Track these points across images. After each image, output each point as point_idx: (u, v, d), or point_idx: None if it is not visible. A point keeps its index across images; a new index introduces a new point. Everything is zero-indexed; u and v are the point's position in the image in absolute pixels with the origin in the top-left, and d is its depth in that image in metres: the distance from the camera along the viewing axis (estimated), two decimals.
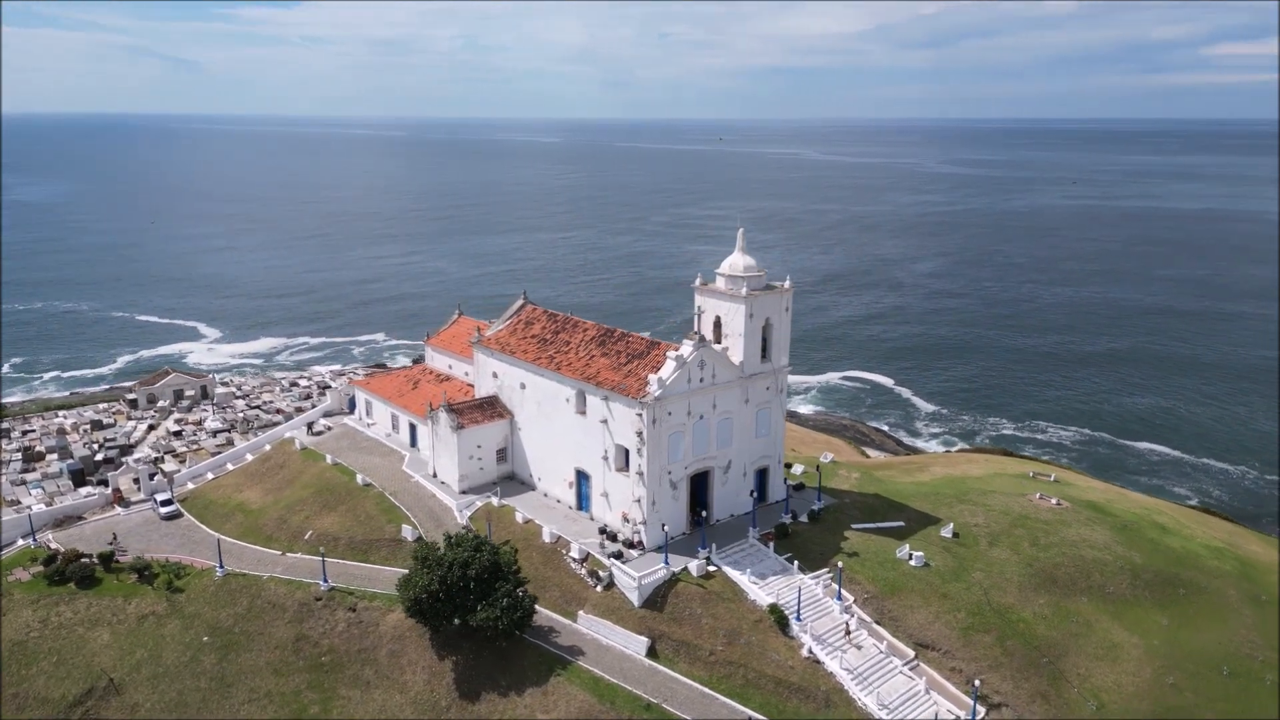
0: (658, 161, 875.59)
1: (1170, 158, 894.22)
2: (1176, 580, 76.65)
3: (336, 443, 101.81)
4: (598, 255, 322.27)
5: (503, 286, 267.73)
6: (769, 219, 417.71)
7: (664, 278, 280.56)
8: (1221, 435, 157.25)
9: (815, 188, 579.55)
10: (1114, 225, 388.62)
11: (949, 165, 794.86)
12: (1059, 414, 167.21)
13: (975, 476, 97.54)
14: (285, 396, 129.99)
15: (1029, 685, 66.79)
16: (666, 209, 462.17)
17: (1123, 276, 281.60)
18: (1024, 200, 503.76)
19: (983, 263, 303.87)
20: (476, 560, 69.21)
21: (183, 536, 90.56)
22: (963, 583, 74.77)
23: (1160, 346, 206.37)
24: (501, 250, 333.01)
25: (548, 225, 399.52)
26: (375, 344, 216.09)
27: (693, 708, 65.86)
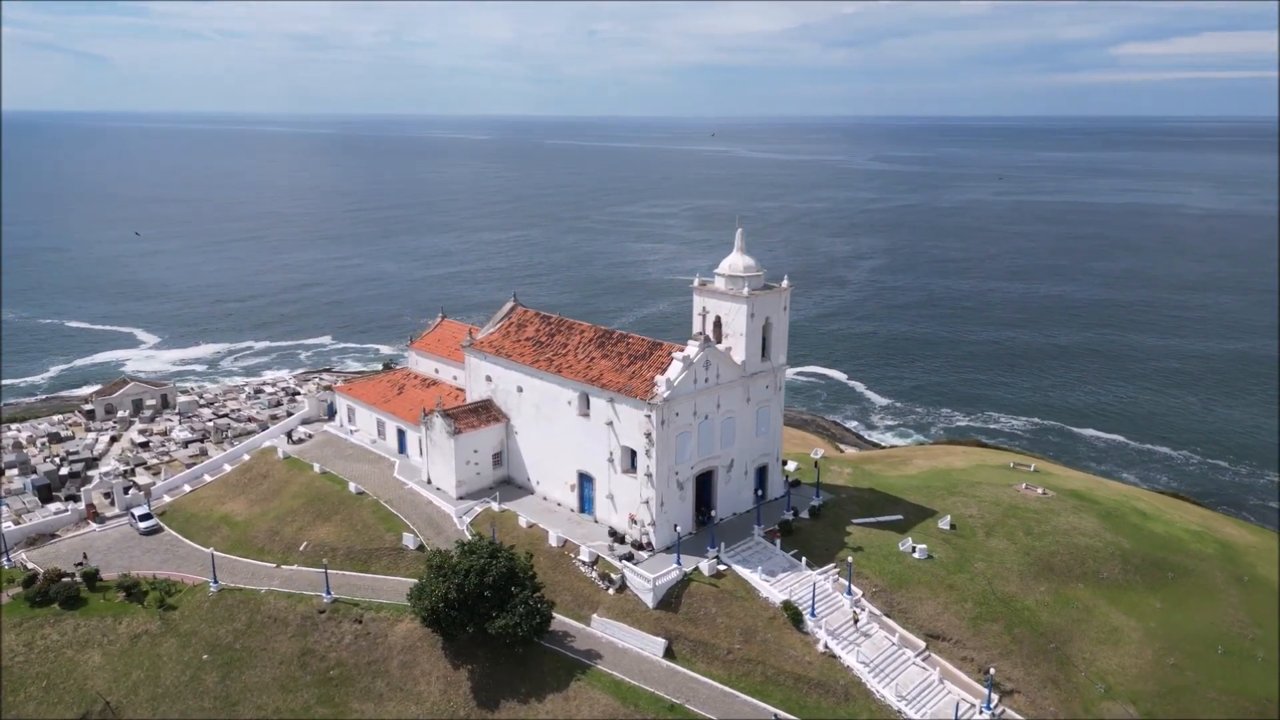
0: (592, 159, 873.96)
1: (1086, 154, 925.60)
2: (1164, 564, 79.80)
3: (320, 451, 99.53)
4: (545, 255, 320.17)
5: (452, 288, 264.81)
6: (710, 217, 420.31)
7: (614, 277, 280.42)
8: (1162, 422, 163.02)
9: (752, 185, 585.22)
10: (1048, 221, 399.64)
11: (878, 162, 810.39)
12: (1008, 404, 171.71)
13: (959, 469, 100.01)
14: (253, 404, 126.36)
15: (1039, 671, 68.88)
16: (607, 207, 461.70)
17: (1061, 271, 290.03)
18: (955, 196, 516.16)
19: (924, 259, 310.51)
20: (493, 567, 68.55)
21: (166, 552, 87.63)
22: (966, 573, 76.70)
23: (1101, 337, 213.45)
24: (445, 250, 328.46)
25: (489, 224, 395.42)
26: (323, 347, 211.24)
27: (716, 707, 66.29)
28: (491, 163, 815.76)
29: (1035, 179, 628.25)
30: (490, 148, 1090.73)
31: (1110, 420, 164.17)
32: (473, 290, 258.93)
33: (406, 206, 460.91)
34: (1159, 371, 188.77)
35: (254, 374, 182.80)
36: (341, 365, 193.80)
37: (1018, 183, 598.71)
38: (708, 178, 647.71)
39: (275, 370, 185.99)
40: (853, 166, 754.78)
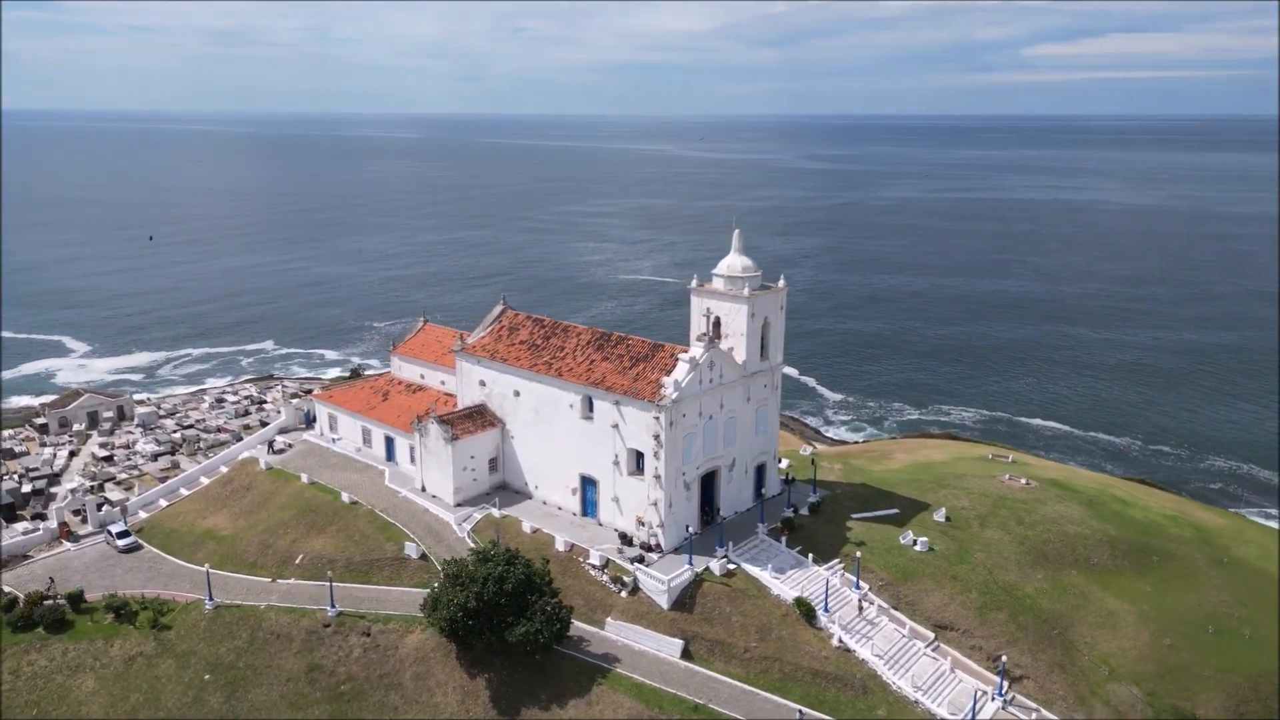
0: (527, 158, 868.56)
1: (1006, 152, 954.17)
2: (1148, 548, 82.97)
3: (303, 461, 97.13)
4: (489, 256, 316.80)
5: (398, 291, 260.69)
6: (652, 217, 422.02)
7: (561, 277, 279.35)
8: (1103, 410, 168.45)
9: (690, 185, 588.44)
10: (980, 218, 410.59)
11: (810, 161, 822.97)
12: (956, 397, 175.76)
13: (941, 461, 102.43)
14: (218, 413, 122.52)
15: (1045, 657, 71.03)
16: (548, 207, 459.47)
17: (1001, 266, 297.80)
18: (888, 194, 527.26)
19: (866, 256, 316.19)
20: (511, 574, 67.91)
21: (149, 570, 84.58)
22: (967, 564, 78.66)
23: (1042, 330, 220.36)
24: (386, 252, 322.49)
25: (429, 225, 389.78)
26: (265, 353, 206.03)
27: (738, 706, 66.78)
28: (425, 162, 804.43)
29: (961, 176, 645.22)
30: (422, 146, 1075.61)
31: (1055, 410, 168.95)
32: (420, 293, 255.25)
33: (341, 207, 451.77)
34: (1099, 362, 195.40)
35: (196, 381, 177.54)
36: (286, 371, 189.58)
37: (945, 180, 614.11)
38: (645, 177, 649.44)
39: (218, 378, 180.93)
40: (786, 165, 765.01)
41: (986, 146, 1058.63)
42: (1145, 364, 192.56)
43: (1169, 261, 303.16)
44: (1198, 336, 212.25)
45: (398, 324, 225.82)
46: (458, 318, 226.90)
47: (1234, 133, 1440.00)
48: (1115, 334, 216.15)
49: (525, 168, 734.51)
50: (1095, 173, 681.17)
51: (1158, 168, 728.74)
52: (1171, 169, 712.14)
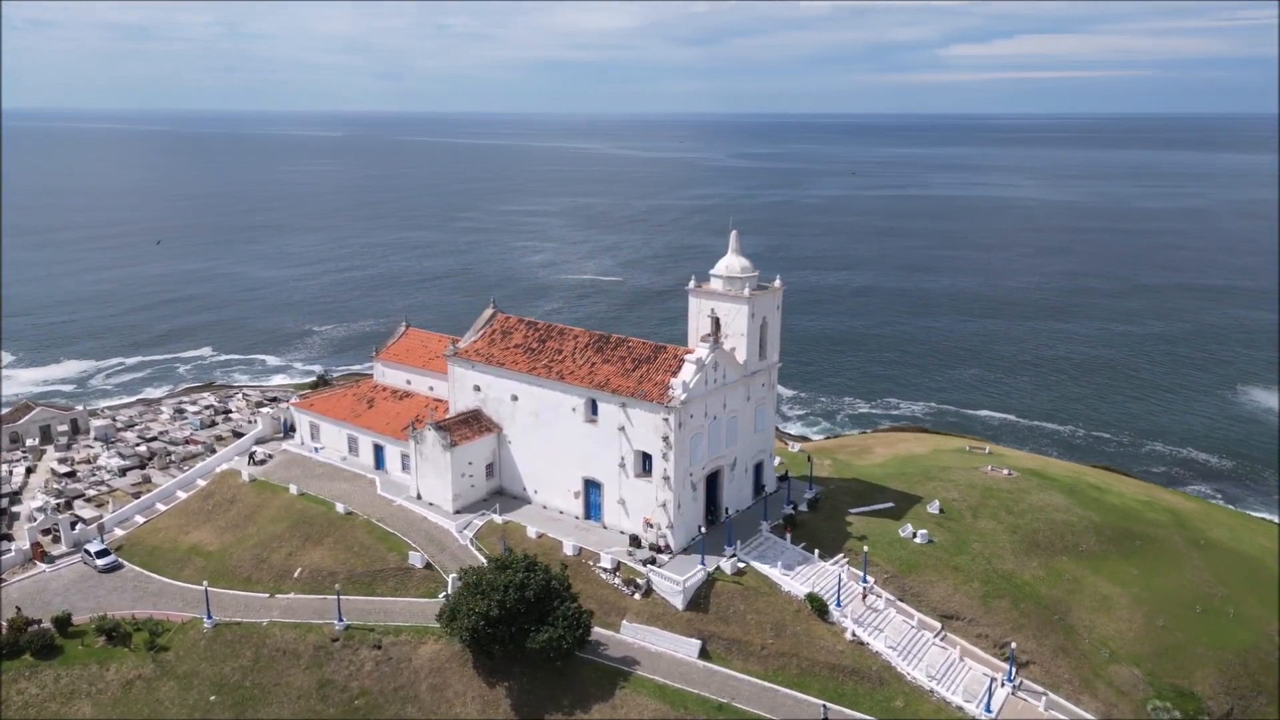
0: (456, 156, 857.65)
1: (926, 150, 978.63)
2: (1130, 533, 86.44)
3: (287, 471, 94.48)
4: (429, 258, 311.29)
5: (341, 294, 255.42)
6: (590, 216, 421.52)
7: (503, 278, 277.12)
8: (1047, 399, 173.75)
9: (624, 183, 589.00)
10: (912, 216, 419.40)
11: (737, 159, 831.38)
12: (904, 390, 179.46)
13: (922, 454, 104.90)
14: (181, 424, 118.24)
15: (1049, 642, 73.50)
16: (484, 206, 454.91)
17: (939, 263, 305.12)
18: (818, 192, 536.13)
19: (805, 253, 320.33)
20: (533, 581, 67.39)
21: (135, 589, 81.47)
22: (967, 554, 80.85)
23: (982, 324, 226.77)
24: (320, 255, 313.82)
25: (364, 227, 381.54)
26: (203, 360, 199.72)
27: (761, 703, 67.49)
28: (352, 161, 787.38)
29: (887, 174, 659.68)
30: (346, 145, 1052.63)
31: (1000, 401, 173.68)
32: (364, 298, 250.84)
33: (269, 209, 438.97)
34: (1039, 354, 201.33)
35: (132, 391, 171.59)
36: (228, 378, 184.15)
37: (872, 178, 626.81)
38: (578, 175, 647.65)
39: (155, 387, 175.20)
40: (717, 163, 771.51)
41: (908, 145, 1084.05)
42: (1083, 355, 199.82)
43: (1096, 256, 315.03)
44: (1131, 328, 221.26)
45: (340, 328, 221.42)
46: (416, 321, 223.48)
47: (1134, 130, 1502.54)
48: (1052, 326, 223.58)
49: (457, 167, 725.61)
50: (1012, 170, 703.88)
51: (1069, 165, 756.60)
52: (1082, 166, 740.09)
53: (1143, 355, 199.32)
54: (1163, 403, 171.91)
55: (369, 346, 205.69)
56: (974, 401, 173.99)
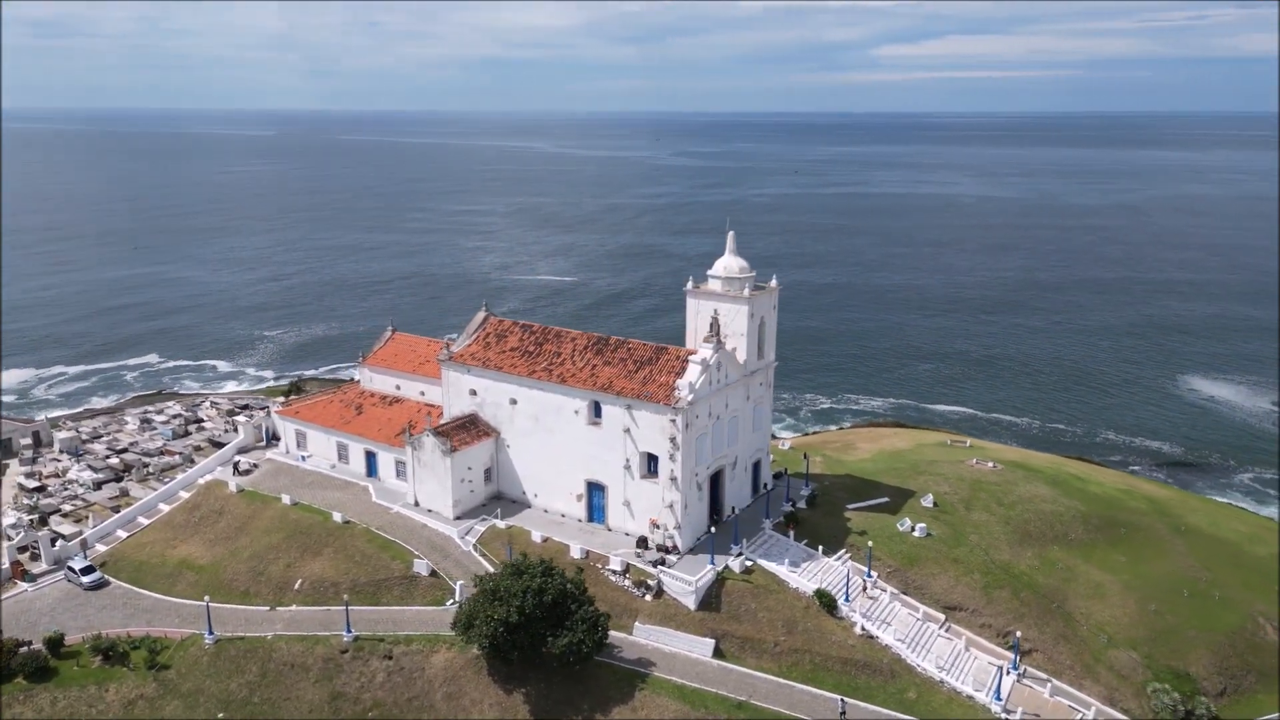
0: (395, 155, 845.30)
1: (863, 148, 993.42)
2: (1115, 521, 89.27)
3: (275, 481, 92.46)
4: (376, 260, 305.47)
5: (290, 297, 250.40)
6: (537, 215, 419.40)
7: (455, 279, 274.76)
8: (1001, 392, 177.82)
9: (569, 183, 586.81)
10: (861, 214, 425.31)
11: (680, 158, 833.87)
12: (862, 386, 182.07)
13: (906, 449, 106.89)
14: (153, 435, 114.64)
15: (1050, 629, 75.55)
16: (427, 206, 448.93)
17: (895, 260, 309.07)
18: (765, 190, 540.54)
19: (762, 253, 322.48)
20: (551, 585, 67.06)
21: (126, 606, 79.03)
22: (965, 546, 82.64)
23: (936, 319, 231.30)
24: (265, 259, 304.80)
25: (305, 228, 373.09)
26: (150, 367, 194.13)
27: (778, 700, 68.16)
28: (287, 161, 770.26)
29: (830, 172, 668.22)
30: (279, 145, 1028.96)
31: (956, 394, 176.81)
32: (315, 301, 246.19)
33: (206, 212, 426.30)
34: (990, 349, 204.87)
35: (77, 402, 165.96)
36: (179, 385, 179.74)
37: (816, 176, 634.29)
38: (524, 174, 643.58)
39: (101, 397, 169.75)
40: (661, 162, 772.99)
41: (846, 143, 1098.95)
42: (1032, 349, 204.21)
43: (1040, 251, 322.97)
44: (1079, 321, 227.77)
45: (292, 333, 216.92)
46: (373, 324, 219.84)
47: (1061, 129, 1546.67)
48: (1003, 321, 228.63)
49: (399, 166, 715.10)
50: (950, 167, 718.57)
51: (1003, 162, 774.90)
52: (1015, 163, 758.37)
53: (1090, 348, 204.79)
54: (1111, 393, 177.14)
55: (325, 351, 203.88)
56: (932, 396, 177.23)
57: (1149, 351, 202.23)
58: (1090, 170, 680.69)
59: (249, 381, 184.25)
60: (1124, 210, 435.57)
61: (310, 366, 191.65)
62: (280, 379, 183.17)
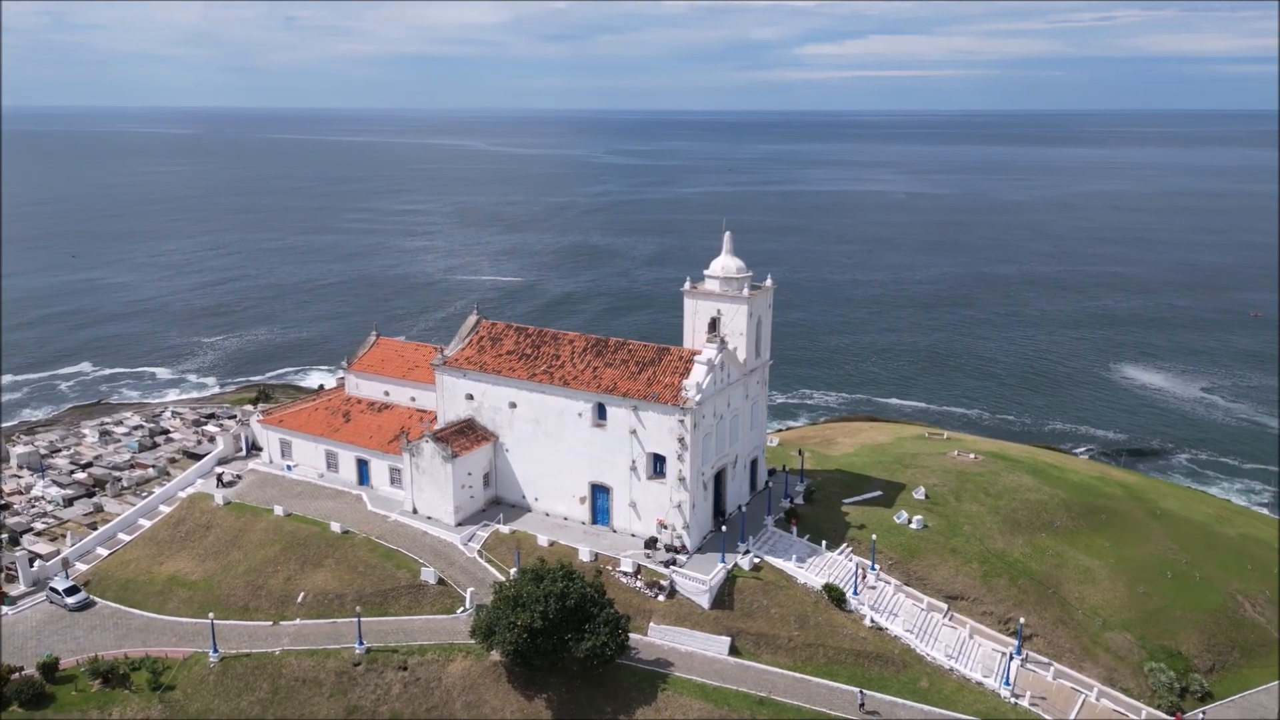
0: (321, 154, 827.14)
1: (792, 146, 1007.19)
2: (1095, 508, 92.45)
3: (261, 492, 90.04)
4: (314, 262, 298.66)
5: (227, 301, 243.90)
6: (474, 215, 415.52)
7: (396, 280, 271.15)
8: (946, 386, 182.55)
9: (504, 181, 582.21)
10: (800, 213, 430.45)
11: (614, 155, 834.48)
12: (816, 381, 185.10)
13: (887, 443, 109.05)
14: (118, 448, 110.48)
15: (1048, 614, 78.00)
16: (362, 206, 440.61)
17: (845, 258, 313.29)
18: (700, 188, 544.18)
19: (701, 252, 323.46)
20: (573, 590, 66.83)
21: (117, 627, 76.31)
22: (961, 537, 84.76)
23: (883, 315, 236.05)
24: (195, 262, 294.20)
25: (236, 230, 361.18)
26: (85, 376, 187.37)
27: (797, 694, 69.08)
28: (210, 160, 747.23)
29: (763, 170, 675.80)
30: (200, 143, 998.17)
31: (906, 389, 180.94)
32: (256, 307, 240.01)
33: (133, 214, 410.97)
34: (935, 343, 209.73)
35: (9, 415, 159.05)
36: (117, 395, 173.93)
37: (750, 174, 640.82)
38: (459, 173, 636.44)
39: (34, 409, 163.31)
40: (595, 160, 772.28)
41: (776, 141, 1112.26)
42: (975, 342, 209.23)
43: (976, 247, 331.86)
44: (1017, 312, 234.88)
45: (233, 338, 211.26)
46: (319, 330, 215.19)
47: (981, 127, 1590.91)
48: (944, 315, 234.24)
49: (330, 165, 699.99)
50: (878, 164, 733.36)
51: (929, 160, 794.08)
52: (941, 161, 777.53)
53: (1030, 341, 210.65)
54: (1053, 384, 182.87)
55: (270, 356, 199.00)
56: (883, 390, 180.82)
57: (1086, 343, 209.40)
58: (1014, 167, 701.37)
59: (191, 389, 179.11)
60: (1052, 206, 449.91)
61: (256, 373, 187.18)
62: (226, 385, 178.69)
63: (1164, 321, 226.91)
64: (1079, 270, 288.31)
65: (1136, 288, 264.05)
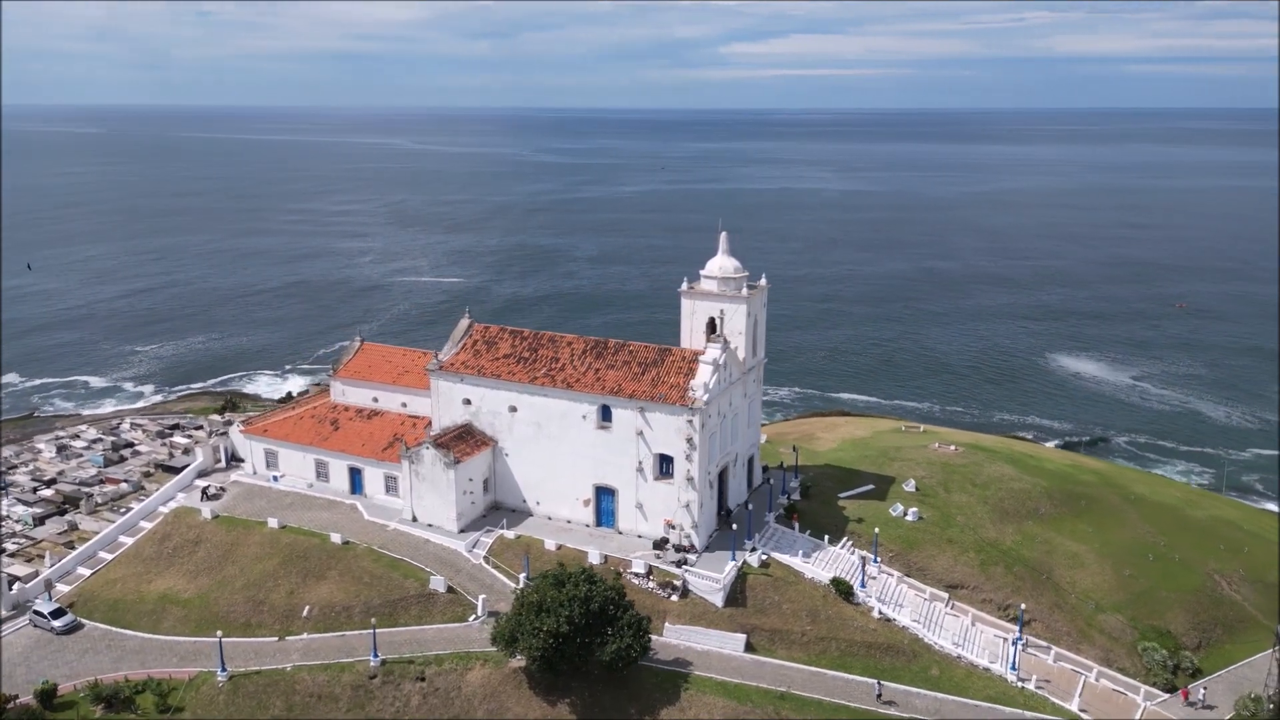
0: (244, 153, 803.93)
1: (723, 144, 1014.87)
2: (1074, 495, 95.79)
3: (249, 504, 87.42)
4: (247, 265, 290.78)
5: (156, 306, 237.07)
6: (409, 215, 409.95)
7: (335, 281, 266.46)
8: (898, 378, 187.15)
9: (435, 180, 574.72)
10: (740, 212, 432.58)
11: (545, 154, 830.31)
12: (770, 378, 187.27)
13: (866, 437, 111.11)
14: (81, 463, 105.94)
15: (1044, 600, 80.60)
16: (291, 206, 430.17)
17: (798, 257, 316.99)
18: (633, 187, 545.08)
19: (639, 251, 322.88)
20: (597, 593, 66.66)
21: (111, 649, 73.52)
22: (955, 528, 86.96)
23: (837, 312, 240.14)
24: (119, 267, 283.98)
25: (163, 234, 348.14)
26: (12, 388, 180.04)
27: (816, 687, 70.07)
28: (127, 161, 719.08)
29: (695, 169, 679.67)
30: (112, 143, 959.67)
31: (856, 383, 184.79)
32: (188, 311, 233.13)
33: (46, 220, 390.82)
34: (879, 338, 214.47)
35: None
36: (49, 406, 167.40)
37: (682, 173, 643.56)
38: (387, 173, 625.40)
39: None
40: (526, 159, 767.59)
41: (705, 139, 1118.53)
42: (916, 336, 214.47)
43: (915, 243, 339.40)
44: (955, 307, 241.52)
45: (169, 346, 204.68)
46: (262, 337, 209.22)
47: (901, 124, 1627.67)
48: (890, 310, 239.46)
49: (255, 165, 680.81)
50: (807, 162, 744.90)
51: (855, 157, 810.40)
52: (867, 158, 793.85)
53: (974, 334, 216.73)
54: (1000, 375, 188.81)
55: (210, 363, 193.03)
56: (834, 385, 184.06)
57: (1026, 335, 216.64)
58: (938, 164, 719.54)
59: (126, 399, 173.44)
60: (984, 202, 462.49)
61: (197, 379, 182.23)
62: (163, 394, 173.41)
63: (1097, 314, 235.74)
64: (1016, 265, 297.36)
65: (1070, 281, 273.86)
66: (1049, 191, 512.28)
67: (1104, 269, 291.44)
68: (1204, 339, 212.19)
